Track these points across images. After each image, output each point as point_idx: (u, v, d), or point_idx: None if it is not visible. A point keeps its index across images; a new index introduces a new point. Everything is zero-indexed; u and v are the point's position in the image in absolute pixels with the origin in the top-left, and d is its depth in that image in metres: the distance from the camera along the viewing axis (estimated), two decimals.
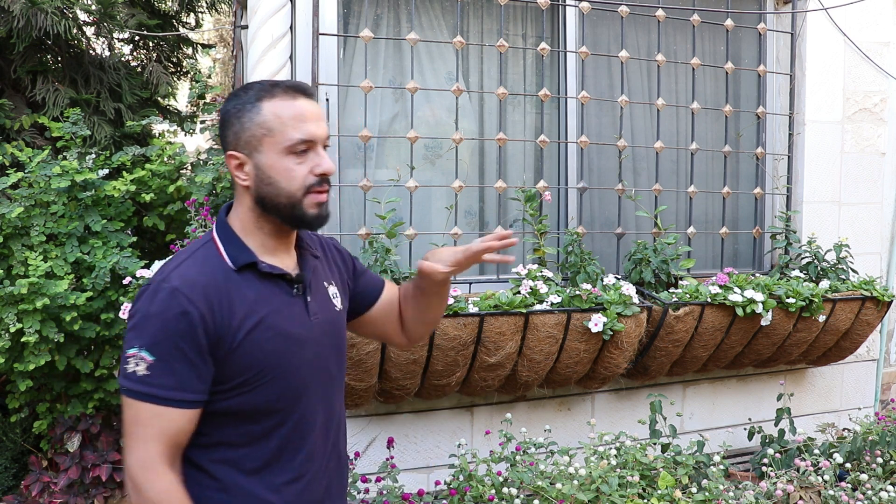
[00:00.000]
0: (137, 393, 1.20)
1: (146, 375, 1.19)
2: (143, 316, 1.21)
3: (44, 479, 3.34)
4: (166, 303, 1.20)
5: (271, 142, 1.28)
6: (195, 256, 1.29)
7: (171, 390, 1.20)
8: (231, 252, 1.30)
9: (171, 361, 1.19)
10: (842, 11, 3.52)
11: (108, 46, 4.40)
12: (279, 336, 1.28)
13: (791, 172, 3.55)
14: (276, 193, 1.29)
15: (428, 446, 2.99)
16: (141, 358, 1.19)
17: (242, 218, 1.34)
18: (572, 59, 3.28)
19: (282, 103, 1.28)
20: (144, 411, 1.20)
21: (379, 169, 3.13)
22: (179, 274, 1.24)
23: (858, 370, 3.76)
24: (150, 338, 1.20)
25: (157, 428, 1.20)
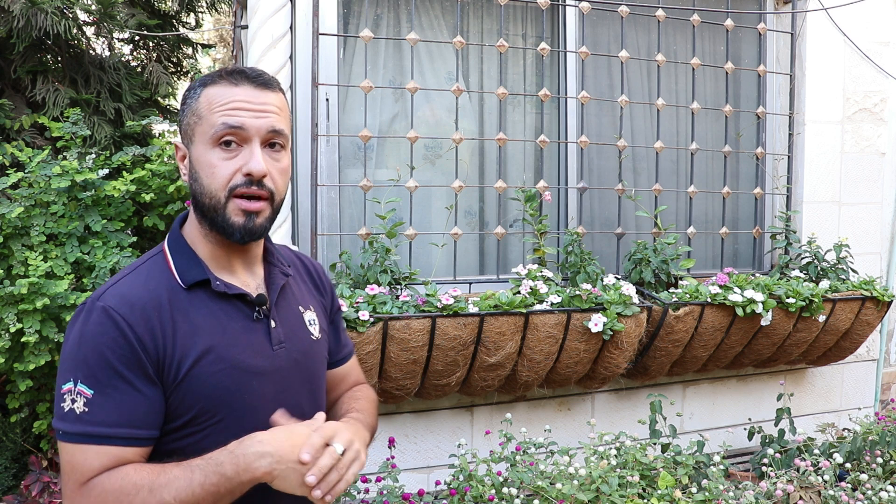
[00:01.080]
0: (76, 435, 1.00)
1: (85, 413, 1.00)
2: (75, 342, 1.03)
3: (44, 479, 3.34)
4: (100, 325, 1.02)
5: (200, 131, 1.09)
6: (139, 271, 1.11)
7: (118, 427, 1.01)
8: (181, 266, 1.11)
9: (113, 392, 1.01)
10: (842, 11, 3.52)
11: (108, 46, 4.40)
12: (231, 369, 1.09)
13: (791, 172, 3.55)
14: (200, 192, 1.10)
15: (428, 446, 2.99)
16: (79, 392, 1.00)
17: (192, 223, 1.15)
18: (572, 59, 3.28)
19: (220, 89, 1.09)
20: (84, 454, 1.00)
21: (379, 169, 3.13)
22: (116, 292, 1.06)
23: (858, 370, 3.76)
24: (85, 368, 1.01)
25: (98, 470, 1.00)
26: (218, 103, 1.08)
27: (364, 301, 2.54)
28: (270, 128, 1.10)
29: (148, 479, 0.99)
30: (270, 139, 1.11)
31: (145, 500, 0.98)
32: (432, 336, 2.56)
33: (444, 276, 3.05)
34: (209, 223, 1.11)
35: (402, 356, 2.56)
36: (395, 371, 2.60)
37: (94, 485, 1.00)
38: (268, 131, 1.10)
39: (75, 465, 1.01)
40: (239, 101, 1.08)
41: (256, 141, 1.09)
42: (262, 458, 0.98)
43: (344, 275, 2.75)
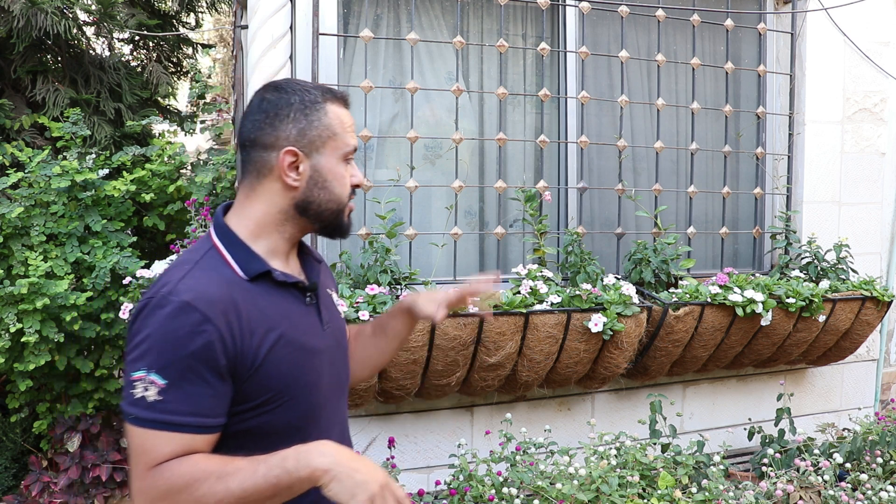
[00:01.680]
0: (148, 421, 1.06)
1: (158, 401, 1.05)
2: (149, 335, 1.07)
3: (44, 479, 3.34)
4: (177, 319, 1.07)
5: (334, 145, 1.22)
6: (201, 265, 1.15)
7: (186, 416, 1.07)
8: (240, 260, 1.18)
9: (185, 385, 1.07)
10: (842, 11, 3.52)
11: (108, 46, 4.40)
12: (298, 351, 1.18)
13: (791, 172, 3.55)
14: (327, 199, 1.23)
15: (428, 446, 2.99)
16: (150, 382, 1.06)
17: (261, 220, 1.22)
18: (572, 59, 3.28)
19: (342, 110, 1.25)
20: (156, 439, 1.06)
21: (379, 169, 3.13)
22: (188, 286, 1.10)
23: (858, 370, 3.76)
24: (159, 359, 1.06)
25: (169, 455, 1.06)
26: (346, 124, 1.25)
27: (364, 301, 2.54)
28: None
29: (216, 468, 1.06)
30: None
31: (213, 487, 1.05)
32: (432, 336, 2.57)
33: (444, 276, 3.05)
34: (322, 224, 1.25)
35: (402, 356, 2.56)
36: (395, 371, 2.60)
37: (164, 468, 1.06)
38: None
39: (146, 448, 1.07)
40: (352, 125, 1.27)
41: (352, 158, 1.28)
42: (323, 456, 1.05)
43: (344, 275, 2.75)
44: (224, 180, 3.33)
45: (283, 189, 1.21)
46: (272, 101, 1.22)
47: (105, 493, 3.39)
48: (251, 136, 1.22)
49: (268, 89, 1.24)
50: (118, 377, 3.57)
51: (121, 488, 3.43)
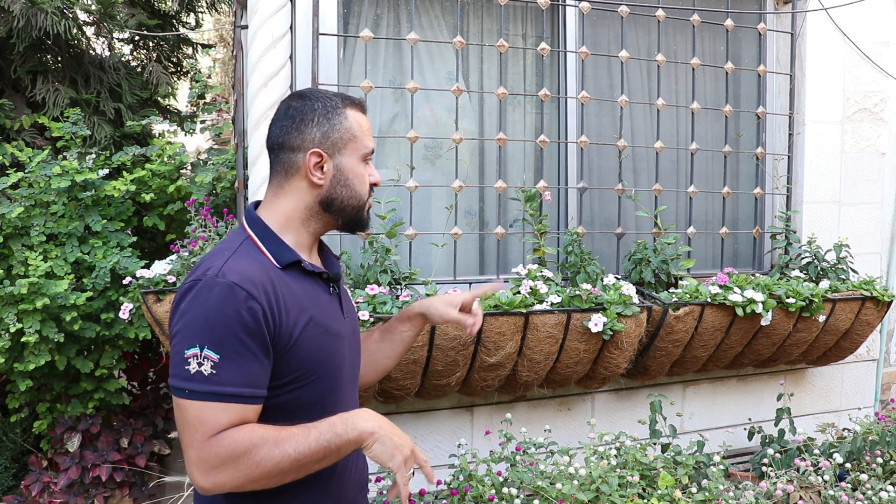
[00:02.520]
0: (206, 394, 1.15)
1: (213, 374, 1.15)
2: (199, 313, 1.17)
3: (44, 479, 3.34)
4: (226, 298, 1.17)
5: (354, 147, 1.35)
6: (239, 252, 1.27)
7: (242, 387, 1.16)
8: (273, 249, 1.30)
9: (238, 358, 1.16)
10: (842, 11, 3.52)
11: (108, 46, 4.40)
12: (326, 334, 1.30)
13: (791, 172, 3.55)
14: (349, 196, 1.36)
15: (428, 446, 3.00)
16: (205, 357, 1.15)
17: (289, 215, 1.35)
18: (572, 59, 3.28)
19: (359, 115, 1.38)
20: (213, 410, 1.15)
21: (379, 169, 3.13)
22: (232, 269, 1.21)
23: (858, 370, 3.76)
24: (212, 336, 1.15)
25: (226, 425, 1.16)
26: (364, 128, 1.38)
27: (364, 301, 2.54)
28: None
29: (272, 434, 1.16)
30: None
31: (271, 451, 1.15)
32: (432, 336, 2.57)
33: (444, 276, 3.06)
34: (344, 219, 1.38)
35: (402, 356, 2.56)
36: (395, 371, 2.60)
37: (224, 437, 1.15)
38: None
39: (203, 419, 1.15)
40: (369, 128, 1.40)
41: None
42: (367, 421, 1.22)
43: (344, 275, 2.74)
44: (224, 180, 3.33)
45: (309, 187, 1.34)
46: (298, 108, 1.35)
47: (105, 493, 3.39)
48: (279, 140, 1.35)
49: (293, 98, 1.38)
50: (118, 377, 3.57)
51: (121, 488, 3.43)
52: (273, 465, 1.15)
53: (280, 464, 1.15)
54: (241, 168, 3.07)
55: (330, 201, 1.35)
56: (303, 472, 1.19)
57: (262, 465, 1.14)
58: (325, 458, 1.19)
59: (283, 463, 1.15)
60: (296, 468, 1.17)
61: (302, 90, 1.41)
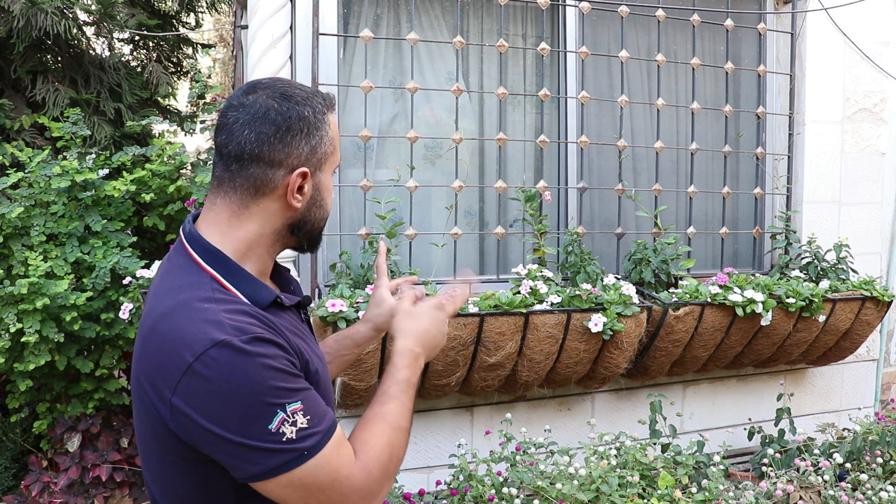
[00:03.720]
0: (320, 440, 1.00)
1: (311, 420, 1.00)
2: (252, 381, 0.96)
3: (44, 479, 3.34)
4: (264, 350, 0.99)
5: (332, 161, 1.14)
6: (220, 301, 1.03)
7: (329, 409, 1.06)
8: (246, 290, 1.07)
9: (308, 393, 1.02)
10: (842, 11, 3.52)
11: (108, 46, 4.40)
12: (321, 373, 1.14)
13: (791, 172, 3.55)
14: (321, 216, 1.15)
15: (428, 446, 3.00)
16: (292, 413, 0.98)
17: (253, 241, 1.10)
18: (572, 59, 3.28)
19: (333, 119, 1.15)
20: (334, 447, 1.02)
21: (379, 169, 3.13)
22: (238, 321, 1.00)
23: (858, 370, 3.76)
24: (280, 391, 0.98)
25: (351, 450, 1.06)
26: (338, 136, 1.16)
27: (364, 301, 2.54)
28: None
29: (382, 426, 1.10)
30: None
31: (400, 438, 1.11)
32: None
33: (444, 276, 3.05)
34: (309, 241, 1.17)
35: None
36: None
37: (366, 460, 1.06)
38: None
39: (340, 465, 1.02)
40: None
41: None
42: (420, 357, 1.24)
43: (344, 275, 2.75)
44: None
45: (282, 209, 1.09)
46: (283, 113, 1.06)
47: (105, 493, 3.39)
48: (254, 150, 1.05)
49: (274, 97, 1.07)
50: (118, 377, 3.57)
51: (120, 488, 3.43)
52: (405, 447, 1.13)
53: (406, 441, 1.14)
54: None
55: (302, 224, 1.12)
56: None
57: (402, 455, 1.12)
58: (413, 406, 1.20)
59: (407, 438, 1.14)
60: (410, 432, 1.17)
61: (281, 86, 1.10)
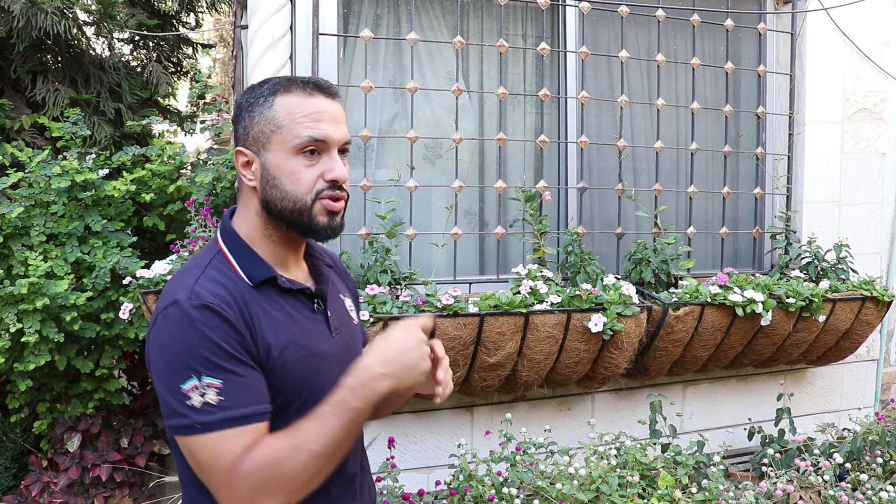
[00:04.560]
0: (220, 422, 1.04)
1: (222, 401, 1.04)
2: (183, 343, 1.06)
3: (44, 479, 3.34)
4: (208, 319, 1.07)
5: (280, 139, 1.16)
6: (208, 273, 1.15)
7: (251, 405, 1.07)
8: (245, 266, 1.17)
9: (237, 377, 1.06)
10: (842, 11, 3.52)
11: (108, 46, 4.40)
12: (309, 356, 1.17)
13: (791, 172, 3.55)
14: (280, 197, 1.17)
15: (428, 446, 3.00)
16: (206, 385, 1.04)
17: (249, 224, 1.22)
18: (572, 59, 3.28)
19: (297, 99, 1.17)
20: (229, 438, 1.04)
21: (379, 169, 3.13)
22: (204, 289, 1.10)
23: (858, 370, 3.76)
24: (205, 361, 1.05)
25: (242, 449, 1.05)
26: (300, 114, 1.16)
27: (364, 301, 2.54)
28: (346, 138, 1.21)
29: (289, 440, 1.06)
30: (343, 148, 1.21)
31: (296, 458, 1.04)
32: (432, 336, 2.57)
33: (444, 276, 3.06)
34: (287, 225, 1.19)
35: None
36: None
37: (245, 464, 1.04)
38: (343, 142, 1.20)
39: (218, 454, 1.04)
40: (319, 113, 1.17)
41: (335, 149, 1.19)
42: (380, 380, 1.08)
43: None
44: (224, 180, 3.33)
45: (250, 191, 1.20)
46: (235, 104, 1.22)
47: (105, 493, 3.39)
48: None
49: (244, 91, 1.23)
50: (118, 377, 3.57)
51: (120, 488, 3.43)
52: (305, 471, 1.05)
53: (311, 465, 1.05)
54: None
55: (267, 204, 1.18)
56: (339, 457, 1.09)
57: (294, 476, 1.04)
58: (351, 432, 1.08)
59: (315, 463, 1.05)
60: (329, 459, 1.07)
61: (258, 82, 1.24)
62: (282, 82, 1.20)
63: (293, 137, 1.16)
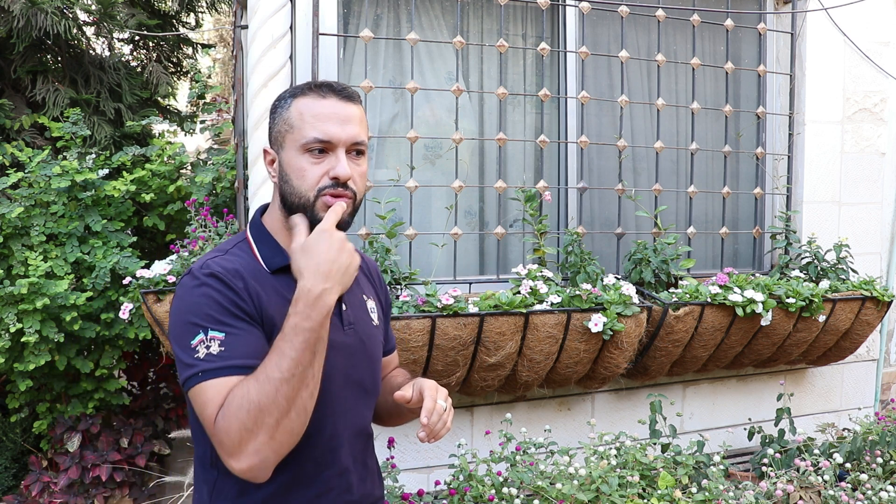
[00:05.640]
0: (221, 369, 1.12)
1: (223, 351, 1.13)
2: (192, 303, 1.17)
3: (44, 479, 3.34)
4: (214, 284, 1.17)
5: (291, 138, 1.25)
6: (230, 254, 1.26)
7: (250, 357, 1.14)
8: (265, 253, 1.28)
9: (240, 332, 1.15)
10: (842, 11, 3.52)
11: (108, 46, 4.40)
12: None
13: (791, 172, 3.55)
14: (290, 192, 1.26)
15: (427, 446, 3.00)
16: (211, 339, 1.14)
17: (273, 216, 1.32)
18: (572, 59, 3.28)
19: (309, 101, 1.26)
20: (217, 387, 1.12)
21: (379, 169, 3.14)
22: (217, 264, 1.21)
23: (858, 370, 3.76)
24: (210, 318, 1.15)
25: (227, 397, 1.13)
26: (309, 114, 1.25)
27: None
28: (353, 140, 1.26)
29: (254, 378, 1.11)
30: (354, 148, 1.27)
31: (262, 392, 1.09)
32: (432, 336, 2.57)
33: (444, 276, 3.06)
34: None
35: (401, 356, 2.56)
36: None
37: (224, 409, 1.11)
38: (351, 143, 1.26)
39: (207, 400, 1.12)
40: (327, 114, 1.25)
41: (342, 149, 1.25)
42: (325, 294, 1.15)
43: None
44: (224, 180, 3.33)
45: (274, 186, 1.31)
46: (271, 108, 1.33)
47: (105, 493, 3.39)
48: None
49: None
50: (118, 377, 3.57)
51: (120, 488, 3.43)
52: (275, 401, 1.08)
53: (279, 393, 1.09)
54: (241, 168, 3.07)
55: (283, 200, 1.28)
56: (307, 381, 1.12)
57: (267, 409, 1.08)
58: (314, 356, 1.13)
59: (282, 389, 1.09)
60: (296, 385, 1.10)
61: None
62: (302, 86, 1.29)
63: (301, 137, 1.24)
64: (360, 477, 1.34)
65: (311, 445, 1.23)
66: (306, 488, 1.25)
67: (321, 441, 1.25)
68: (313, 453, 1.24)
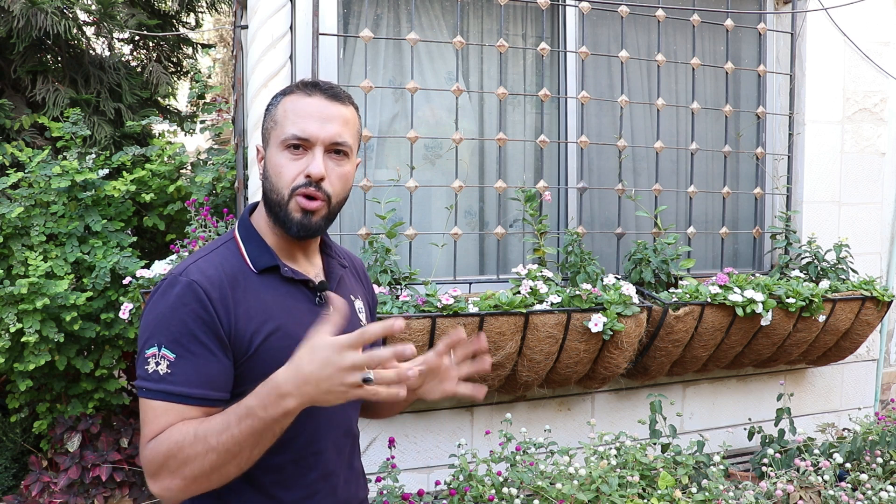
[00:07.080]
0: (158, 392, 1.12)
1: (168, 374, 1.12)
2: (160, 312, 1.15)
3: (44, 479, 3.34)
4: (183, 296, 1.14)
5: (275, 135, 1.24)
6: (215, 254, 1.24)
7: (194, 387, 1.12)
8: (252, 252, 1.25)
9: (193, 357, 1.13)
10: (842, 11, 3.52)
11: (108, 46, 4.40)
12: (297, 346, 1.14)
13: (791, 172, 3.55)
14: (269, 189, 1.24)
15: (428, 446, 3.00)
16: (162, 356, 1.13)
17: (262, 215, 1.29)
18: (572, 59, 3.28)
19: (294, 98, 1.24)
20: (157, 411, 1.12)
21: (379, 169, 3.14)
22: (197, 268, 1.18)
23: (858, 370, 3.76)
24: (168, 335, 1.13)
25: (164, 426, 1.12)
26: (292, 111, 1.23)
27: None
28: (332, 139, 1.23)
29: (193, 428, 1.09)
30: (333, 148, 1.23)
31: (193, 446, 1.07)
32: (432, 336, 2.57)
33: (444, 276, 3.06)
34: (273, 217, 1.25)
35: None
36: None
37: (158, 439, 1.11)
38: (330, 142, 1.23)
39: (148, 420, 1.13)
40: (309, 112, 1.22)
41: (320, 148, 1.22)
42: (285, 398, 1.04)
43: None
44: (224, 180, 3.33)
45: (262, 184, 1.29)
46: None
47: (105, 493, 3.39)
48: None
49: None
50: (118, 377, 3.57)
51: (121, 488, 3.43)
52: (199, 461, 1.07)
53: (206, 458, 1.06)
54: (241, 168, 3.07)
55: (263, 196, 1.27)
56: (241, 458, 1.07)
57: (189, 463, 1.07)
58: (258, 442, 1.07)
59: (209, 457, 1.06)
60: (227, 457, 1.06)
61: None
62: (292, 85, 1.28)
63: (282, 133, 1.23)
64: (346, 479, 1.33)
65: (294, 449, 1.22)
66: (289, 491, 1.24)
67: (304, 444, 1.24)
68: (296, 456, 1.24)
